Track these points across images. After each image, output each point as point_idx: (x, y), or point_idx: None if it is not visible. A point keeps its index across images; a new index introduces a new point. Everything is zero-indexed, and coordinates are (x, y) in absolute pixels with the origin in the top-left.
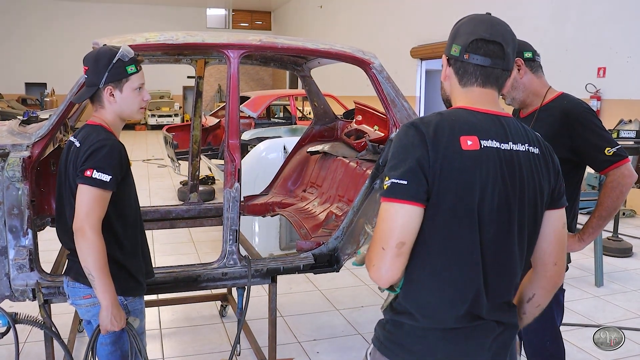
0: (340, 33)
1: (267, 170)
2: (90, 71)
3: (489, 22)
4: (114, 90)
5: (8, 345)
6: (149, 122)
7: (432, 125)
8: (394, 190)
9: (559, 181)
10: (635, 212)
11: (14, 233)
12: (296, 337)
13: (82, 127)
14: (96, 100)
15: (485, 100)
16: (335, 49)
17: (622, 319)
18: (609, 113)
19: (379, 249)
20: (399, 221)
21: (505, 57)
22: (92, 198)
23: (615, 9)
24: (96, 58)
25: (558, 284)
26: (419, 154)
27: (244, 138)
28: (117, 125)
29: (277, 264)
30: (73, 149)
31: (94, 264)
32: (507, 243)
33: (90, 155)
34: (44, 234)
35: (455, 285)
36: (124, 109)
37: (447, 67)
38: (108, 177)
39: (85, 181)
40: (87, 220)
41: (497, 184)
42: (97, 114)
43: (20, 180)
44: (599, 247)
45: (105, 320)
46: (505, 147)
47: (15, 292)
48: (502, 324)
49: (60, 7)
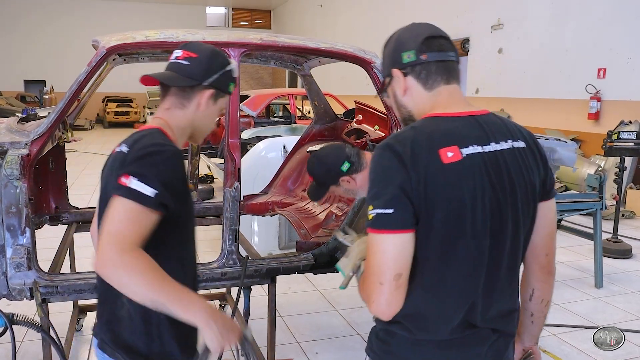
0: (340, 32)
1: (267, 170)
2: (199, 62)
3: (426, 24)
4: (211, 97)
5: (5, 344)
6: (148, 121)
7: (408, 143)
8: (381, 220)
9: (548, 171)
10: (635, 213)
11: (12, 231)
12: (295, 337)
13: (133, 132)
14: (179, 97)
15: (456, 100)
16: (337, 48)
17: (622, 320)
18: (609, 114)
19: (376, 284)
20: (392, 253)
21: (455, 49)
22: (125, 214)
23: (615, 10)
24: (213, 53)
25: (552, 273)
26: (400, 179)
27: (244, 137)
28: (183, 135)
29: (277, 264)
30: (118, 155)
31: (149, 289)
32: (503, 249)
33: (135, 159)
34: (42, 233)
35: (450, 299)
36: (204, 123)
37: (403, 79)
38: (150, 191)
39: (119, 191)
40: (113, 242)
41: (486, 192)
42: (164, 116)
43: (18, 178)
44: (598, 248)
45: (213, 341)
46: (488, 149)
47: (12, 291)
48: (497, 332)
49: (59, 5)
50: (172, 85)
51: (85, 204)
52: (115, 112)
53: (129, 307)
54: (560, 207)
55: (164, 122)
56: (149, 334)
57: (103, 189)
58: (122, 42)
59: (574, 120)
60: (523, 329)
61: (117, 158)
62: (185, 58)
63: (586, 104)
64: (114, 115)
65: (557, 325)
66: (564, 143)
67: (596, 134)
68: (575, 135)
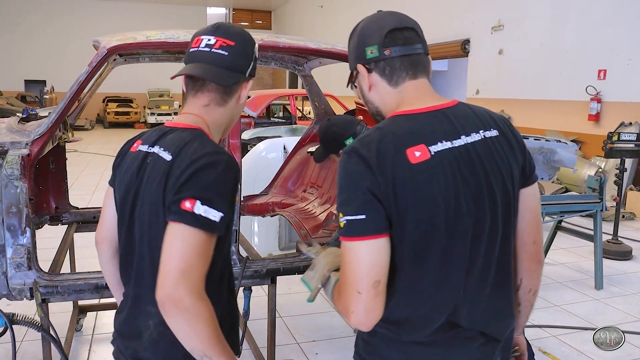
0: (340, 32)
1: (267, 170)
2: (239, 52)
3: (391, 14)
4: (247, 87)
5: (5, 344)
6: (149, 121)
7: (374, 146)
8: (353, 228)
9: (527, 156)
10: (635, 214)
11: (12, 231)
12: (295, 338)
13: (164, 131)
14: (220, 92)
15: (423, 95)
16: (338, 49)
17: (622, 322)
18: (609, 115)
19: (354, 293)
20: (368, 260)
21: (422, 40)
22: (193, 246)
23: (615, 10)
24: (246, 38)
25: (541, 261)
26: (367, 183)
27: (244, 137)
28: (219, 132)
29: (277, 264)
30: (156, 160)
31: (206, 341)
32: (484, 246)
33: (192, 175)
34: (42, 233)
35: (430, 301)
36: (237, 114)
37: (367, 75)
38: (217, 215)
39: (183, 218)
40: (185, 281)
41: (459, 189)
42: (201, 113)
43: (18, 178)
44: (598, 249)
45: None
46: (458, 143)
47: (12, 291)
48: (485, 335)
49: (60, 5)
50: (220, 84)
51: (86, 204)
52: (115, 112)
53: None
54: (561, 209)
55: (202, 121)
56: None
57: (124, 192)
58: (123, 42)
59: (574, 121)
60: None
61: (155, 164)
62: (222, 47)
63: (586, 105)
64: (115, 115)
65: (557, 326)
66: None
67: (596, 136)
68: (576, 137)
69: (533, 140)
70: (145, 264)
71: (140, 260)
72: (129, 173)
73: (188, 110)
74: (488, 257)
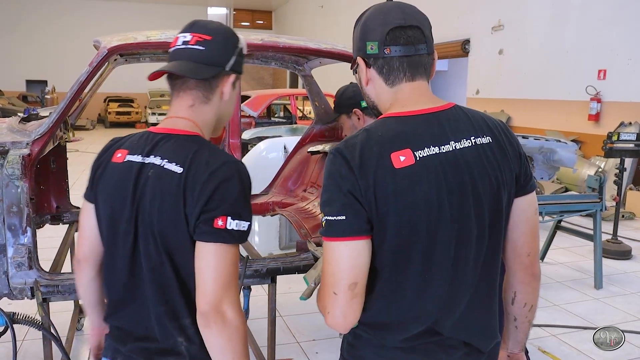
0: (340, 32)
1: (267, 170)
2: (216, 45)
3: (399, 8)
4: (233, 83)
5: (6, 343)
6: (149, 120)
7: (357, 148)
8: (334, 228)
9: (523, 164)
10: (635, 214)
11: (13, 231)
12: (295, 337)
13: (156, 139)
14: (201, 89)
15: (418, 97)
16: (338, 49)
17: (622, 321)
18: (609, 115)
19: (330, 294)
20: (347, 261)
21: (427, 39)
22: (230, 260)
23: (615, 10)
24: (226, 32)
25: (536, 274)
26: (349, 185)
27: (244, 137)
28: (209, 131)
29: (277, 264)
30: (166, 175)
31: (238, 357)
32: (470, 254)
33: (217, 190)
34: (43, 232)
35: (410, 307)
36: (228, 112)
37: (366, 69)
38: (247, 225)
39: (218, 237)
40: (228, 296)
41: (442, 195)
42: (189, 115)
43: (19, 178)
44: (598, 249)
45: None
46: (446, 149)
47: (13, 291)
48: (469, 345)
49: (61, 5)
50: (194, 78)
51: None
52: (116, 112)
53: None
54: (560, 208)
55: (194, 124)
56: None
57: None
58: (124, 42)
59: (574, 121)
60: (508, 333)
61: (160, 177)
62: (197, 42)
63: (586, 105)
64: (116, 115)
65: (557, 325)
66: (564, 144)
67: (596, 135)
68: (576, 137)
69: (533, 140)
70: (168, 280)
71: (158, 276)
72: (119, 187)
73: (175, 114)
74: (474, 266)
